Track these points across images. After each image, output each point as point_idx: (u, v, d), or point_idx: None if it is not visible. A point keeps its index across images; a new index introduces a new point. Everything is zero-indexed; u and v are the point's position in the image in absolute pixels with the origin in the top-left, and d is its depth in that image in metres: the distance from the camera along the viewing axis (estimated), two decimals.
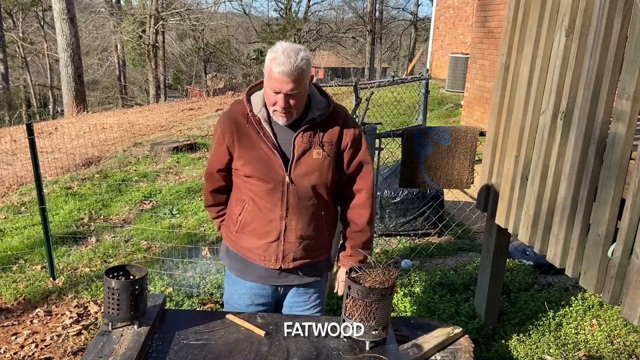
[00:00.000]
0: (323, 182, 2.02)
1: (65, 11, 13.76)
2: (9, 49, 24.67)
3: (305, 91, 1.93)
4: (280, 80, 1.83)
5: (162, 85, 26.50)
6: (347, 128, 2.04)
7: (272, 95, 1.89)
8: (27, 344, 3.23)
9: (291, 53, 1.83)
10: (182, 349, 1.63)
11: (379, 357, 1.61)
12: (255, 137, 1.98)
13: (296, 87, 1.85)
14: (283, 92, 1.85)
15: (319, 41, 32.17)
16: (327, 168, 2.01)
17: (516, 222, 2.83)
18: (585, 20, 2.29)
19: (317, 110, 1.99)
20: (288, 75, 1.82)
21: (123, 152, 8.44)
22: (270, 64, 1.86)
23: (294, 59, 1.82)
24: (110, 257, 4.43)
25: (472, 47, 9.35)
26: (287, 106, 1.89)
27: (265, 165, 1.98)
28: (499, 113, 2.99)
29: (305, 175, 1.98)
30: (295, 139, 1.97)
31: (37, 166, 3.85)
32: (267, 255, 2.05)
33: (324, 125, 2.00)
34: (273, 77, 1.85)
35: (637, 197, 1.98)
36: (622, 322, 3.31)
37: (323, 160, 1.99)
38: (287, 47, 1.86)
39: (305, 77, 1.87)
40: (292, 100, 1.88)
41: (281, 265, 2.05)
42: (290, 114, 1.93)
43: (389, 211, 4.75)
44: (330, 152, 2.01)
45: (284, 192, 1.98)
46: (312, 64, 2.51)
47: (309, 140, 1.98)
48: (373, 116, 8.98)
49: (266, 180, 1.98)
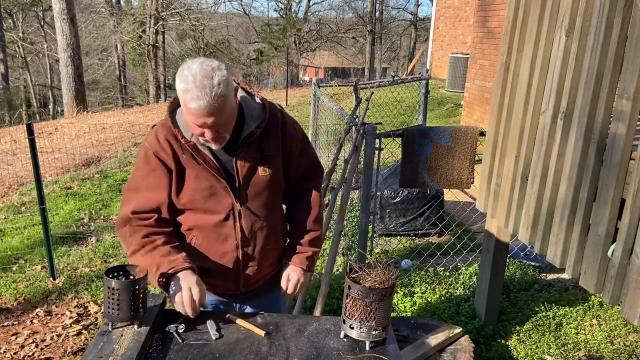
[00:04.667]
0: (275, 198, 1.88)
1: (65, 11, 13.76)
2: (9, 49, 24.66)
3: (233, 113, 1.69)
4: (200, 114, 1.58)
5: (162, 85, 26.49)
6: (288, 133, 1.85)
7: (196, 128, 1.64)
8: (27, 344, 3.23)
9: (205, 80, 1.55)
10: (182, 349, 1.63)
11: (379, 357, 1.61)
12: (194, 165, 1.75)
13: (220, 117, 1.61)
14: (207, 125, 1.61)
15: (319, 41, 32.19)
16: (277, 182, 1.85)
17: (516, 222, 2.83)
18: (585, 20, 2.29)
19: (253, 121, 1.77)
20: (207, 109, 1.56)
21: (123, 152, 8.44)
22: (184, 96, 1.58)
23: (209, 88, 1.55)
24: (110, 257, 4.43)
25: (472, 47, 9.35)
26: (216, 135, 1.65)
27: (211, 195, 1.76)
28: (499, 113, 2.99)
29: (255, 197, 1.81)
30: (237, 161, 1.76)
31: (37, 166, 3.85)
32: (225, 284, 1.91)
33: (264, 137, 1.79)
34: (191, 112, 1.59)
35: (637, 197, 1.98)
36: (622, 322, 3.31)
37: (271, 176, 1.82)
38: (197, 74, 1.56)
39: (228, 102, 1.61)
40: (220, 129, 1.65)
41: (242, 290, 1.93)
42: (223, 139, 1.70)
43: (389, 211, 4.75)
44: (276, 166, 1.83)
45: (235, 219, 1.80)
46: (312, 64, 2.44)
47: (252, 158, 1.78)
48: (373, 116, 8.99)
49: (214, 211, 1.78)
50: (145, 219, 1.77)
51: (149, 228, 1.76)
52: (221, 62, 1.68)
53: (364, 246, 3.60)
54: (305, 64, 34.76)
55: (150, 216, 1.77)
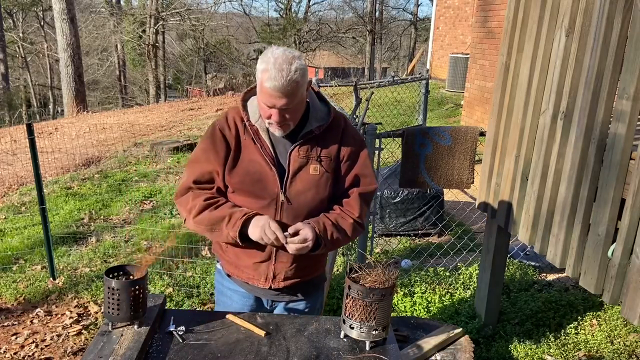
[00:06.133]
0: (320, 200, 1.88)
1: (65, 11, 13.77)
2: (9, 49, 24.67)
3: (302, 102, 1.79)
4: (273, 95, 1.68)
5: (162, 85, 26.51)
6: (346, 140, 1.89)
7: (265, 109, 1.74)
8: (27, 344, 3.23)
9: (284, 65, 1.66)
10: (182, 349, 1.63)
11: (379, 357, 1.61)
12: (252, 148, 1.84)
13: (290, 101, 1.70)
14: (277, 107, 1.71)
15: (319, 41, 32.18)
16: (325, 184, 1.87)
17: (516, 222, 2.83)
18: (585, 20, 2.29)
19: (316, 121, 1.85)
20: (281, 90, 1.67)
21: (123, 152, 8.44)
22: (262, 76, 1.70)
23: (286, 71, 1.65)
24: (110, 257, 4.43)
25: (472, 47, 9.36)
26: (282, 120, 1.75)
27: (259, 180, 1.83)
28: (499, 113, 2.99)
29: (301, 192, 1.84)
30: (291, 154, 1.84)
31: (37, 166, 3.85)
32: (256, 274, 1.92)
33: (322, 138, 1.86)
34: (265, 91, 1.70)
35: (637, 197, 1.98)
36: (622, 322, 3.31)
37: (320, 176, 1.85)
38: (279, 57, 1.67)
39: (300, 89, 1.72)
40: (288, 114, 1.75)
41: (271, 285, 1.92)
42: (287, 126, 1.79)
43: (389, 211, 4.75)
44: (328, 168, 1.86)
45: (277, 209, 1.84)
46: (312, 64, 2.43)
47: (305, 155, 1.84)
48: (373, 116, 8.99)
49: (260, 196, 1.84)
50: (206, 188, 1.88)
51: (211, 192, 1.88)
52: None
53: (364, 246, 3.61)
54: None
55: (211, 186, 1.89)
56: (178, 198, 1.91)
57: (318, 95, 1.94)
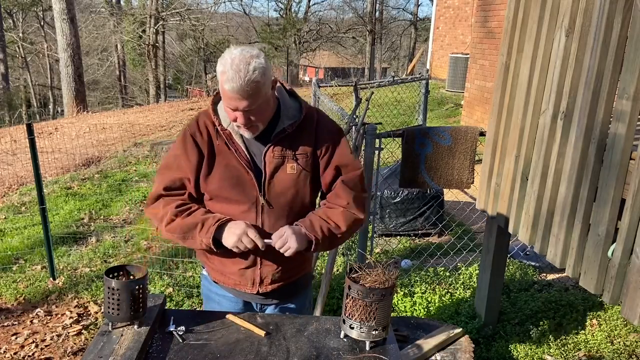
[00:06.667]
0: (301, 199, 1.84)
1: (65, 11, 13.77)
2: (9, 49, 24.66)
3: (268, 102, 1.72)
4: (233, 97, 1.63)
5: (162, 85, 26.51)
6: (321, 134, 1.84)
7: (230, 112, 1.70)
8: (27, 344, 3.23)
9: (241, 65, 1.60)
10: (182, 349, 1.63)
11: (379, 357, 1.61)
12: (227, 153, 1.79)
13: (253, 102, 1.64)
14: (240, 109, 1.66)
15: (319, 41, 32.20)
16: (304, 182, 1.83)
17: (516, 222, 2.83)
18: (585, 20, 2.29)
19: (288, 119, 1.80)
20: (240, 92, 1.61)
21: (123, 152, 8.44)
22: (221, 78, 1.64)
23: (244, 72, 1.59)
24: (110, 257, 4.43)
25: (472, 47, 9.35)
26: (248, 122, 1.70)
27: (237, 185, 1.79)
28: (499, 113, 2.99)
29: (280, 193, 1.80)
30: (266, 155, 1.78)
31: (37, 166, 3.85)
32: (242, 280, 1.89)
33: (296, 136, 1.80)
34: (225, 94, 1.65)
35: (637, 197, 1.98)
36: (622, 322, 3.31)
37: (298, 175, 1.81)
38: (236, 58, 1.61)
39: (262, 89, 1.65)
40: (253, 116, 1.69)
41: (258, 289, 1.90)
42: (256, 128, 1.74)
43: (389, 211, 4.75)
44: (305, 165, 1.82)
45: (258, 213, 1.80)
46: (312, 64, 2.41)
47: (280, 155, 1.79)
48: (373, 116, 8.99)
49: (239, 201, 1.80)
50: (177, 195, 1.84)
51: (182, 199, 1.83)
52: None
53: (364, 246, 3.60)
54: (305, 64, 34.77)
55: (182, 192, 1.84)
56: (149, 207, 1.86)
57: (288, 92, 1.88)
